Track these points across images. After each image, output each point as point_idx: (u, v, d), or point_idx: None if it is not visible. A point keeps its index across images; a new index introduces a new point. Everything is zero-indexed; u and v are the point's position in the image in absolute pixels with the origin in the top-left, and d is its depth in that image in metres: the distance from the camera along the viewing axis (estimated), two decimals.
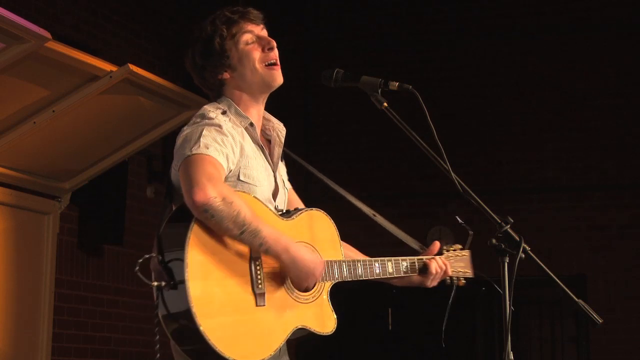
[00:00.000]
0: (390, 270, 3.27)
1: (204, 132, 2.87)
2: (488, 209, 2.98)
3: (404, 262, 3.32)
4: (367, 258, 3.26)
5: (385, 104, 3.04)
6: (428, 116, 2.96)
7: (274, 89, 3.09)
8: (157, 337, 2.81)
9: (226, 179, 2.91)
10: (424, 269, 3.37)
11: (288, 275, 2.90)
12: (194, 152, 2.81)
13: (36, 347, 6.11)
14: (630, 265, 9.03)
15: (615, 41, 9.33)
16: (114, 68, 5.34)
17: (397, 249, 3.49)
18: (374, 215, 3.46)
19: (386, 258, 3.26)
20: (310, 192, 3.35)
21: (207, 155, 2.81)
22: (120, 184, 7.08)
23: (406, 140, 3.11)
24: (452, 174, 2.97)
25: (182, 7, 8.47)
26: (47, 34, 4.80)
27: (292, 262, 2.85)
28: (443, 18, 9.75)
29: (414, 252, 3.44)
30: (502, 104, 9.51)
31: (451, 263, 3.48)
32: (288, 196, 3.23)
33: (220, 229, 2.75)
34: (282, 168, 3.22)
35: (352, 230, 3.56)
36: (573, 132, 9.33)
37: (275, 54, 3.05)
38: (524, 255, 2.92)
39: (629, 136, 9.20)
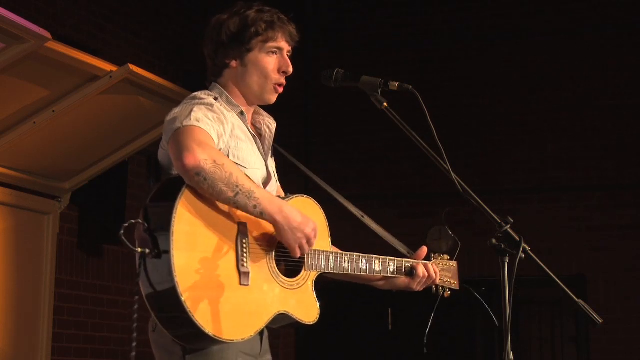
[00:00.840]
0: (377, 268, 3.26)
1: (195, 109, 2.86)
2: (488, 209, 2.98)
3: (392, 262, 3.32)
4: (355, 253, 3.23)
5: (385, 104, 3.04)
6: (428, 116, 2.97)
7: (264, 104, 3.13)
8: (136, 306, 2.75)
9: None
10: (411, 272, 3.36)
11: (282, 239, 2.86)
12: (184, 124, 2.80)
13: (36, 347, 6.11)
14: (630, 265, 9.03)
15: (615, 41, 9.33)
16: (114, 68, 5.35)
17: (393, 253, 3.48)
18: (362, 216, 3.46)
19: (374, 256, 3.26)
20: (311, 192, 3.35)
21: (197, 126, 2.80)
22: (120, 184, 7.08)
23: (406, 140, 3.11)
24: (452, 174, 2.97)
25: (182, 7, 8.47)
26: (47, 34, 4.80)
27: (287, 222, 2.83)
28: (443, 18, 9.75)
29: (401, 256, 3.44)
30: (502, 104, 9.51)
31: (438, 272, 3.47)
32: (277, 193, 3.23)
33: (213, 192, 2.72)
34: (272, 162, 3.21)
35: (349, 230, 3.56)
36: (573, 132, 9.33)
37: (285, 79, 3.07)
38: (524, 255, 2.92)
39: (629, 136, 9.20)
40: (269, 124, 3.16)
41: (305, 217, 2.89)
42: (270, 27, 3.03)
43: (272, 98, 3.09)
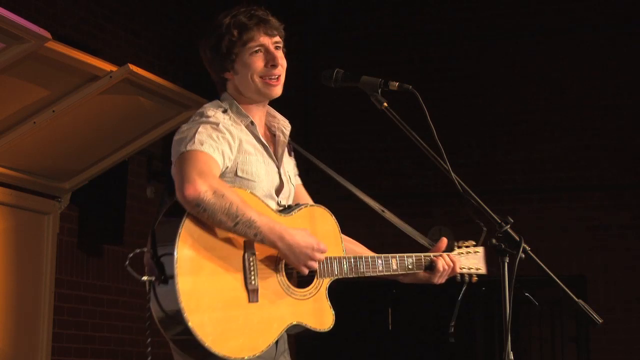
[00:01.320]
0: (395, 267, 3.25)
1: (200, 129, 2.89)
2: (488, 209, 2.98)
3: (410, 259, 3.30)
4: (371, 254, 3.24)
5: (385, 104, 3.04)
6: (428, 116, 2.97)
7: (270, 99, 3.12)
8: (148, 331, 2.85)
9: (223, 174, 2.93)
10: (431, 266, 3.34)
11: (287, 262, 2.90)
12: (187, 148, 2.84)
13: (36, 347, 6.11)
14: (630, 265, 9.02)
15: (614, 41, 9.33)
16: (114, 68, 5.34)
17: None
18: (383, 211, 3.46)
19: (390, 254, 3.24)
20: (312, 188, 3.35)
21: (200, 151, 2.83)
22: (120, 184, 7.08)
23: (406, 140, 3.11)
24: (452, 174, 2.97)
25: (182, 7, 8.47)
26: (47, 34, 4.80)
27: (289, 249, 2.86)
28: (443, 18, 9.75)
29: (422, 249, 3.42)
30: (502, 104, 9.51)
31: (462, 260, 3.45)
32: (296, 192, 3.24)
33: (213, 222, 2.77)
34: (288, 164, 3.22)
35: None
36: (573, 132, 9.32)
37: (278, 70, 3.05)
38: (524, 255, 2.92)
39: (629, 136, 9.20)
40: (283, 128, 3.17)
41: (308, 237, 2.91)
42: (243, 29, 3.01)
43: (273, 91, 3.07)
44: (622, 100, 9.26)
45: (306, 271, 2.92)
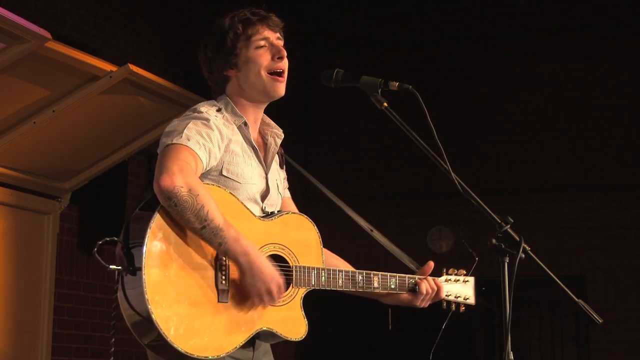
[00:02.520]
0: (376, 284, 3.21)
1: (189, 125, 2.89)
2: (488, 209, 2.98)
3: (393, 279, 3.27)
4: (352, 269, 3.20)
5: (385, 104, 3.04)
6: (428, 116, 2.96)
7: (273, 99, 3.11)
8: (113, 322, 2.85)
9: (208, 172, 2.92)
10: (414, 289, 3.32)
11: (243, 283, 2.82)
12: (174, 141, 2.83)
13: (36, 347, 6.11)
14: (630, 265, 9.03)
15: (615, 41, 9.33)
16: (114, 68, 5.34)
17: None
18: (371, 230, 3.45)
19: (373, 272, 3.22)
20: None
21: (186, 146, 2.82)
22: (120, 184, 7.08)
23: (406, 140, 3.11)
24: (452, 174, 2.97)
25: (182, 7, 8.47)
26: (47, 34, 4.80)
27: (249, 267, 2.80)
28: (443, 18, 9.75)
29: (409, 270, 3.40)
30: (502, 104, 9.51)
31: (450, 287, 3.44)
32: (285, 204, 3.22)
33: (182, 219, 2.74)
34: (278, 174, 3.20)
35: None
36: (573, 132, 9.33)
37: (283, 64, 3.05)
38: (524, 255, 2.92)
39: (629, 136, 9.20)
40: (276, 135, 3.16)
41: (272, 269, 2.84)
42: (247, 24, 3.02)
43: (278, 90, 3.06)
44: (622, 100, 9.27)
45: (257, 301, 2.83)
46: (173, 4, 8.39)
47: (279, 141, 3.16)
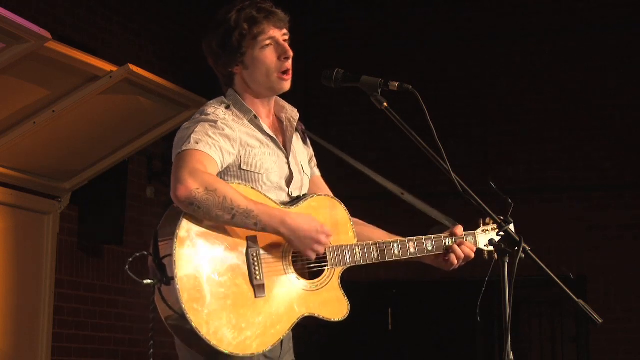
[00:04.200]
0: (412, 250, 3.19)
1: (197, 129, 2.89)
2: (488, 209, 2.98)
3: (429, 241, 3.25)
4: (387, 239, 3.18)
5: (385, 104, 3.04)
6: (428, 116, 2.96)
7: (279, 94, 3.11)
8: (151, 333, 2.84)
9: (227, 169, 2.93)
10: (449, 250, 3.24)
11: (292, 247, 2.87)
12: (183, 149, 2.85)
13: (36, 347, 6.11)
14: (630, 265, 9.02)
15: (615, 41, 9.33)
16: (114, 68, 5.34)
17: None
18: (402, 193, 3.44)
19: (407, 238, 3.20)
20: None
21: (194, 150, 2.84)
22: (120, 184, 7.08)
23: (406, 140, 3.11)
24: (452, 173, 2.97)
25: (182, 7, 8.47)
26: (47, 34, 4.80)
27: (293, 233, 2.84)
28: (443, 18, 9.75)
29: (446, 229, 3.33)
30: (502, 104, 9.51)
31: (488, 236, 3.29)
32: (314, 183, 3.23)
33: (210, 218, 2.76)
34: (302, 153, 3.22)
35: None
36: (573, 132, 9.33)
37: (290, 63, 3.05)
38: (524, 255, 2.92)
39: (629, 136, 9.20)
40: (291, 117, 3.16)
41: (311, 220, 2.89)
42: (253, 23, 3.00)
43: (284, 86, 3.07)
44: (622, 100, 9.26)
45: (313, 256, 2.88)
46: (173, 4, 8.39)
47: (295, 121, 3.17)
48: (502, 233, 3.02)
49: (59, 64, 5.10)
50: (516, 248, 2.93)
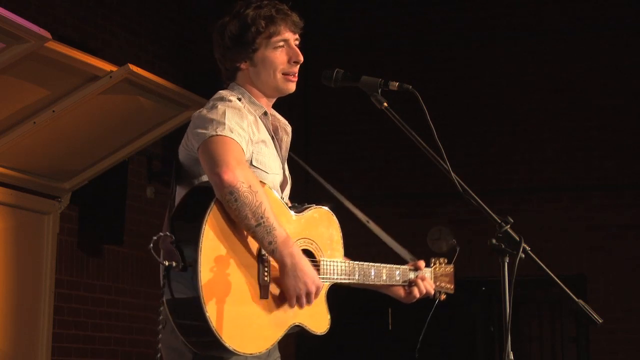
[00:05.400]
0: (384, 277, 3.24)
1: (227, 114, 2.85)
2: (488, 209, 2.98)
3: (398, 271, 3.30)
4: (364, 263, 3.21)
5: (385, 104, 3.04)
6: (428, 116, 2.97)
7: (283, 95, 3.11)
8: (161, 317, 2.76)
9: None
10: (410, 285, 3.33)
11: (284, 283, 2.83)
12: (218, 132, 2.79)
13: (36, 347, 6.11)
14: (630, 265, 9.03)
15: (615, 41, 9.34)
16: (114, 68, 5.34)
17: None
18: (368, 221, 3.45)
19: (382, 265, 3.23)
20: (310, 192, 3.35)
21: (231, 138, 2.80)
22: (120, 184, 7.08)
23: (406, 140, 3.11)
24: (452, 174, 2.97)
25: (182, 7, 8.47)
26: (47, 34, 4.80)
27: (294, 269, 2.81)
28: (443, 18, 9.75)
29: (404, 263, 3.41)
30: (502, 104, 9.51)
31: (437, 277, 3.47)
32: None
33: (238, 215, 2.72)
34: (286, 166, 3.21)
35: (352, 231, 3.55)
36: (573, 132, 9.33)
37: (297, 68, 3.06)
38: (524, 255, 2.92)
39: (629, 136, 9.21)
40: (285, 128, 3.15)
41: (314, 274, 2.87)
42: (270, 22, 3.00)
43: (289, 86, 3.07)
44: (622, 100, 9.27)
45: (294, 301, 2.85)
46: (173, 4, 8.39)
47: (289, 132, 3.15)
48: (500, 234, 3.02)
49: (59, 64, 5.10)
50: (516, 248, 2.93)
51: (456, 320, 8.91)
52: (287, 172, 3.13)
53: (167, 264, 2.70)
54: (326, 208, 3.11)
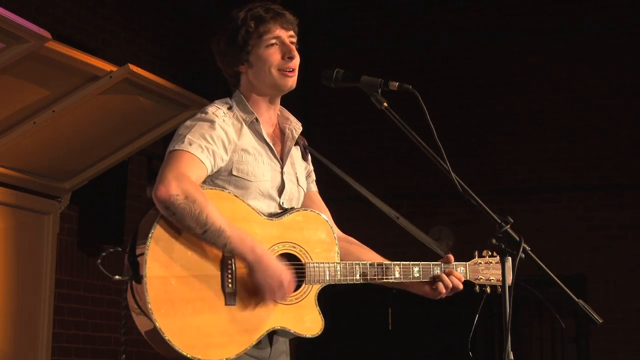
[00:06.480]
0: (397, 275, 3.15)
1: (194, 129, 2.90)
2: (488, 209, 2.98)
3: (416, 267, 3.19)
4: (374, 260, 3.15)
5: (385, 104, 3.04)
6: (428, 116, 2.96)
7: (284, 92, 3.11)
8: (124, 329, 2.87)
9: (219, 173, 2.93)
10: (434, 281, 3.21)
11: (252, 277, 2.83)
12: (175, 147, 2.86)
13: (36, 347, 6.11)
14: (630, 265, 9.03)
15: (615, 41, 9.33)
16: (114, 68, 5.34)
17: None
18: (397, 217, 3.43)
19: (394, 262, 3.16)
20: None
21: (186, 151, 2.84)
22: (120, 184, 7.08)
23: (406, 140, 3.11)
24: (452, 174, 2.97)
25: (182, 7, 8.47)
26: (47, 34, 4.80)
27: (257, 263, 2.81)
28: (443, 18, 9.75)
29: (438, 257, 3.29)
30: (502, 104, 9.51)
31: (482, 270, 3.34)
32: (311, 198, 3.22)
33: (182, 226, 2.77)
34: (299, 166, 3.20)
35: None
36: (573, 132, 9.33)
37: (294, 63, 3.07)
38: (524, 255, 2.92)
39: (629, 136, 9.20)
40: (294, 129, 3.16)
41: (281, 265, 2.85)
42: (260, 21, 3.02)
43: (288, 83, 3.07)
44: (622, 101, 9.27)
45: (268, 296, 2.83)
46: (173, 3, 8.39)
47: (297, 134, 3.15)
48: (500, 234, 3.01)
49: (59, 64, 5.10)
50: (516, 248, 2.93)
51: (456, 320, 8.91)
52: (288, 176, 3.10)
53: (117, 277, 2.81)
54: (313, 211, 3.09)
